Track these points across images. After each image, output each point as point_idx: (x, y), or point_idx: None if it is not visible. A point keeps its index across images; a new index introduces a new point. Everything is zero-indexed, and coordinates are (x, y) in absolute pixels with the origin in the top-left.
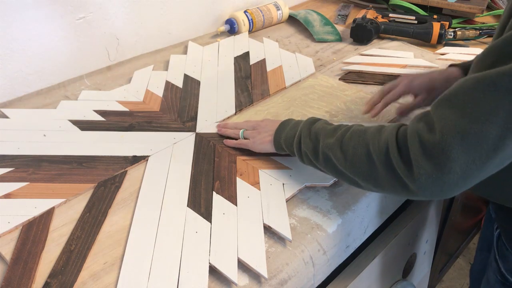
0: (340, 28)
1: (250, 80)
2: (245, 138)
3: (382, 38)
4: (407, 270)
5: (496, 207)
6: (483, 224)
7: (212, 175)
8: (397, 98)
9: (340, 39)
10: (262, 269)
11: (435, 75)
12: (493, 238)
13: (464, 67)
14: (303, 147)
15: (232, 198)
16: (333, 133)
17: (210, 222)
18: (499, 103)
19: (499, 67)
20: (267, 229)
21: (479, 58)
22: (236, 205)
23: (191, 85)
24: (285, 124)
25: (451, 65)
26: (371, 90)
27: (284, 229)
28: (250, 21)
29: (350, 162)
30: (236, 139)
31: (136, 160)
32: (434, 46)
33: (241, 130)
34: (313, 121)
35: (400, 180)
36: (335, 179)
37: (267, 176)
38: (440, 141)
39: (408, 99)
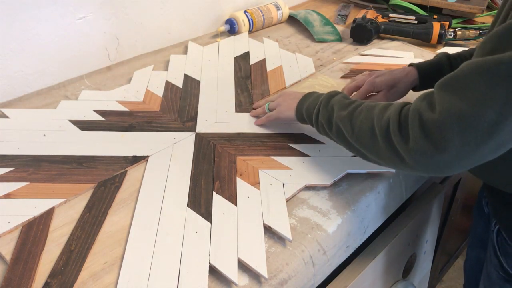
0: (340, 28)
1: (250, 80)
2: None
3: (382, 38)
4: (407, 270)
5: (495, 201)
6: (473, 221)
7: (212, 175)
8: (363, 97)
9: (340, 39)
10: (262, 269)
11: (397, 73)
12: (487, 234)
13: (420, 67)
14: (320, 117)
15: (232, 198)
16: (347, 107)
17: (210, 222)
18: (495, 89)
19: (497, 54)
20: (267, 229)
21: (481, 43)
22: (236, 205)
23: (191, 85)
24: (309, 96)
25: (410, 64)
26: None
27: (284, 229)
28: (250, 21)
29: (357, 134)
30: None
31: (136, 160)
32: (434, 46)
33: (266, 104)
34: (333, 94)
35: (398, 154)
36: (335, 179)
37: (267, 176)
38: (438, 121)
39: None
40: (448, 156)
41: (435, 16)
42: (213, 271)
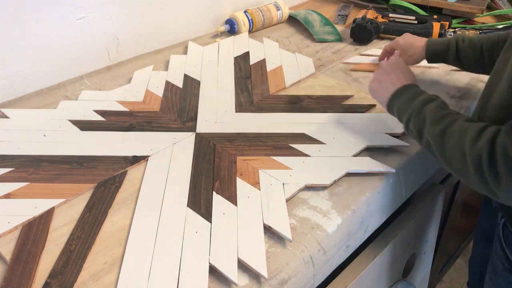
0: (340, 28)
1: (250, 80)
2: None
3: (382, 38)
4: (407, 270)
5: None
6: (480, 216)
7: (212, 175)
8: (386, 53)
9: (340, 39)
10: (262, 269)
11: (415, 41)
12: (493, 229)
13: (430, 42)
14: (411, 125)
15: (232, 198)
16: (439, 122)
17: (210, 222)
18: None
19: None
20: (267, 229)
21: None
22: (236, 205)
23: (191, 85)
24: (403, 92)
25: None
26: None
27: (284, 229)
28: (250, 21)
29: (447, 157)
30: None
31: (136, 160)
32: None
33: (382, 62)
34: (427, 100)
35: (489, 188)
36: (335, 179)
37: (267, 176)
38: None
39: None
40: None
41: (435, 16)
42: (213, 271)
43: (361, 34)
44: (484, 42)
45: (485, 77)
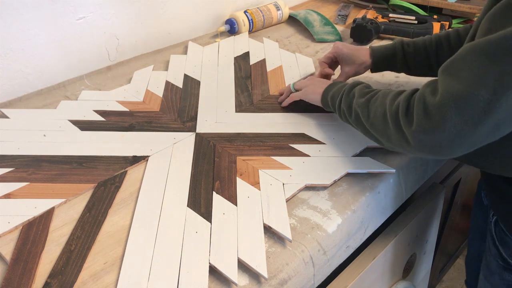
0: (340, 28)
1: (250, 80)
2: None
3: (382, 38)
4: (407, 270)
5: (492, 192)
6: (472, 214)
7: (212, 175)
8: (328, 60)
9: (340, 39)
10: (262, 269)
11: (357, 51)
12: (485, 226)
13: (374, 49)
14: (342, 104)
15: (232, 198)
16: (366, 94)
17: (210, 222)
18: (488, 69)
19: (489, 35)
20: (267, 229)
21: (480, 26)
22: (236, 205)
23: (191, 85)
24: (335, 84)
25: (370, 47)
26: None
27: (284, 229)
28: (250, 21)
29: (372, 120)
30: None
31: (136, 160)
32: None
33: (291, 84)
34: (356, 84)
35: (404, 136)
36: (335, 179)
37: (267, 176)
38: (438, 102)
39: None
40: (448, 135)
41: (435, 16)
42: (213, 271)
43: (361, 34)
44: (427, 44)
45: None
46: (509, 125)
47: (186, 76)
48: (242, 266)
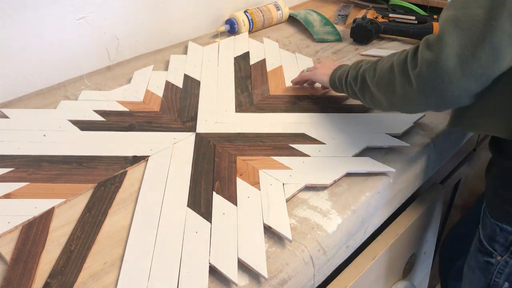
0: (340, 28)
1: (250, 80)
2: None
3: (382, 38)
4: (407, 270)
5: (486, 175)
6: (476, 205)
7: (212, 175)
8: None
9: (340, 39)
10: (262, 269)
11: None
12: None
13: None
14: (349, 77)
15: (232, 198)
16: (373, 62)
17: (210, 222)
18: None
19: None
20: (267, 229)
21: None
22: (236, 205)
23: (191, 85)
24: (342, 66)
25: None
26: None
27: (284, 229)
28: (250, 21)
29: (377, 77)
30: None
31: (136, 160)
32: None
33: (305, 68)
34: (362, 60)
35: (408, 79)
36: (335, 179)
37: (267, 176)
38: (438, 34)
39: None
40: (449, 65)
41: (435, 16)
42: (213, 271)
43: (361, 34)
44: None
45: None
46: (505, 53)
47: (186, 76)
48: (242, 266)
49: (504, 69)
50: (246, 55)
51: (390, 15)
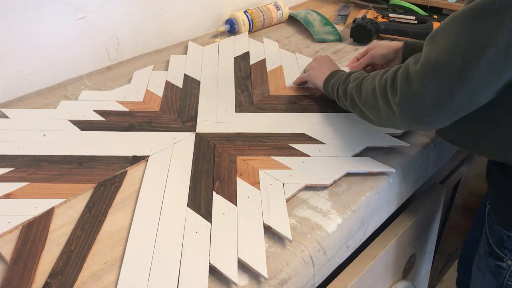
0: (340, 28)
1: (250, 80)
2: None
3: (382, 38)
4: (407, 270)
5: (488, 177)
6: (481, 204)
7: (212, 175)
8: (362, 67)
9: (340, 39)
10: (262, 269)
11: (392, 46)
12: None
13: (407, 42)
14: (340, 91)
15: (232, 198)
16: (359, 78)
17: (210, 222)
18: (461, 37)
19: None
20: (267, 229)
21: None
22: (236, 205)
23: (191, 85)
24: (335, 73)
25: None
26: None
27: (284, 229)
28: (250, 21)
29: (363, 99)
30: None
31: (136, 160)
32: None
33: (305, 68)
34: (353, 72)
35: (390, 107)
36: (335, 179)
37: (267, 176)
38: (418, 70)
39: None
40: (428, 102)
41: (435, 16)
42: (213, 271)
43: (361, 34)
44: None
45: None
46: (482, 95)
47: (186, 76)
48: (242, 266)
49: (480, 105)
50: (246, 55)
51: (390, 15)
